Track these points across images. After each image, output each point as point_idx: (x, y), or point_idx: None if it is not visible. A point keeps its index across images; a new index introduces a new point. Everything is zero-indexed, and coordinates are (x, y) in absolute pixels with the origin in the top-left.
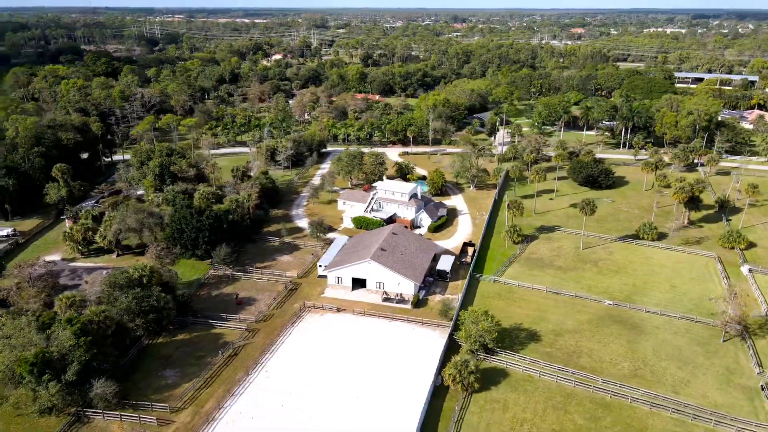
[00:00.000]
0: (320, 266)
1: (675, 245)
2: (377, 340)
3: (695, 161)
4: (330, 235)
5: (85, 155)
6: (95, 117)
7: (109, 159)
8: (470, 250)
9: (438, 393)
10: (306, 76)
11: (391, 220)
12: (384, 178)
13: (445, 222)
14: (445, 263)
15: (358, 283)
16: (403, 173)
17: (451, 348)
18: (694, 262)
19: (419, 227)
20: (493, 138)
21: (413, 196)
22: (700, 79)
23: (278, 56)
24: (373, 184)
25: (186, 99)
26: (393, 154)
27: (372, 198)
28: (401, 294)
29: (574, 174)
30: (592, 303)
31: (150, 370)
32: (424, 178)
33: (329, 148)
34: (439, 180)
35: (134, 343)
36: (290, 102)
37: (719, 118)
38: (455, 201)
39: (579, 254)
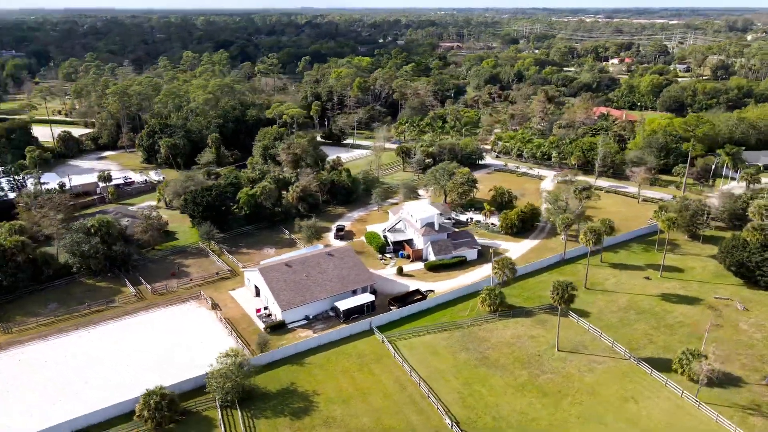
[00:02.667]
0: (262, 263)
1: (712, 400)
2: (182, 348)
3: None
4: (335, 242)
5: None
6: (318, 102)
7: None
8: (417, 298)
9: (128, 419)
10: (583, 83)
11: (400, 245)
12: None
13: (459, 263)
14: (351, 302)
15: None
16: (499, 202)
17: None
18: None
19: (426, 260)
20: (708, 184)
21: (428, 224)
22: None
23: (615, 60)
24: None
25: (424, 94)
26: (552, 179)
27: (398, 218)
28: (275, 315)
29: (722, 255)
30: (433, 412)
31: (48, 298)
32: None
33: (489, 161)
34: (513, 216)
35: (65, 275)
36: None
37: None
38: (520, 246)
39: (540, 355)
